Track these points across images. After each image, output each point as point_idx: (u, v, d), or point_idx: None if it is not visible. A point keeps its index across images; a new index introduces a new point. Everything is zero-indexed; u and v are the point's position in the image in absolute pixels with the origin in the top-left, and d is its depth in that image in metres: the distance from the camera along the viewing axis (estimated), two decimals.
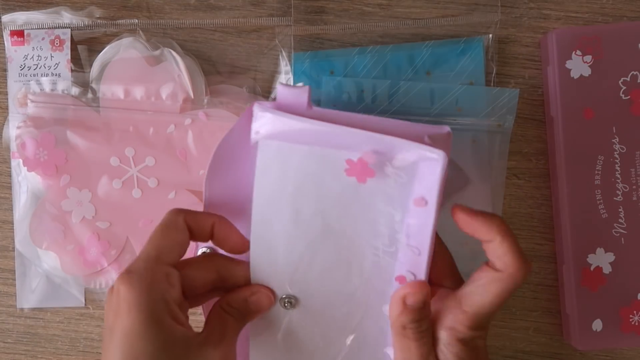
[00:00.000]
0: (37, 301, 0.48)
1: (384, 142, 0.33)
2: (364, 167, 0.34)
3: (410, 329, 0.34)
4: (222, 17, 0.47)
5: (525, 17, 0.48)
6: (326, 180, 0.35)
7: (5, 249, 0.48)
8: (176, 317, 0.33)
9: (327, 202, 0.36)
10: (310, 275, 0.37)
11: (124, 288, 0.32)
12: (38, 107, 0.45)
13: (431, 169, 0.33)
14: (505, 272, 0.33)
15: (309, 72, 0.46)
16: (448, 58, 0.46)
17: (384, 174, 0.34)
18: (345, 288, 0.38)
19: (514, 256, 0.33)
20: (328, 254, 0.37)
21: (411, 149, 0.33)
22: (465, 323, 0.34)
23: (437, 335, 0.35)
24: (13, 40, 0.46)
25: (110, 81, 0.45)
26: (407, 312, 0.34)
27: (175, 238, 0.35)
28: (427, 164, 0.33)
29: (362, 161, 0.34)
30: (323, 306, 0.38)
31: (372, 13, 0.47)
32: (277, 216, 0.36)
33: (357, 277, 0.37)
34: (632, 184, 0.46)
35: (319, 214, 0.36)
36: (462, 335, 0.34)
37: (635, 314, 0.46)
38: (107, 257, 0.46)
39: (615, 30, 0.46)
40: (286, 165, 0.35)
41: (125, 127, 0.46)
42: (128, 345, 0.31)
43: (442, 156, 0.32)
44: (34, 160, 0.45)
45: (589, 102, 0.46)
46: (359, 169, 0.34)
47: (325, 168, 0.35)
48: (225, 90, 0.47)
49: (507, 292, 0.33)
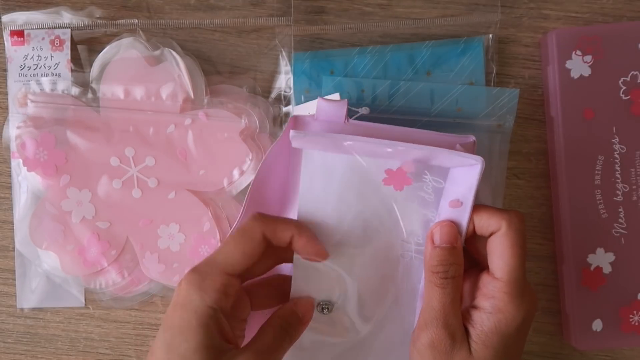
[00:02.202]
0: (37, 301, 0.48)
1: (425, 152, 0.36)
2: (403, 175, 0.38)
3: (436, 273, 0.36)
4: (222, 17, 0.47)
5: (525, 17, 0.48)
6: (365, 188, 0.38)
7: (5, 249, 0.48)
8: (220, 326, 0.34)
9: (366, 208, 0.38)
10: (348, 280, 0.39)
11: (184, 286, 0.35)
12: (38, 107, 0.45)
13: (468, 173, 0.36)
14: (501, 227, 0.36)
15: (309, 72, 0.46)
16: (448, 58, 0.46)
17: (421, 181, 0.38)
18: (380, 291, 0.39)
19: (498, 212, 0.36)
20: (365, 258, 0.39)
21: (452, 157, 0.36)
22: (503, 289, 0.36)
23: (480, 304, 0.37)
24: (13, 40, 0.46)
25: (110, 81, 0.45)
26: (435, 252, 0.37)
27: (247, 248, 0.36)
28: (463, 169, 0.36)
29: (402, 170, 0.37)
30: (357, 310, 0.40)
31: (372, 13, 0.47)
32: (321, 223, 0.38)
33: (391, 279, 0.39)
34: (632, 184, 0.46)
35: (359, 220, 0.38)
36: (502, 303, 0.36)
37: (635, 314, 0.46)
38: (107, 257, 0.46)
39: (615, 30, 0.46)
40: (329, 174, 0.38)
41: (125, 127, 0.46)
42: (169, 336, 0.34)
43: (480, 161, 0.35)
44: (34, 160, 0.45)
45: (589, 102, 0.46)
46: (397, 178, 0.38)
47: (365, 177, 0.38)
48: (225, 90, 0.47)
49: (515, 242, 0.36)
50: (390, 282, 0.40)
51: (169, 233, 0.46)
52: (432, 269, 0.37)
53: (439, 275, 0.36)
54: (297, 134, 0.36)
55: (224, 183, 0.46)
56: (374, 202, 0.38)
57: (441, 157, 0.36)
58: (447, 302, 0.36)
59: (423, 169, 0.37)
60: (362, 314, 0.40)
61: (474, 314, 0.37)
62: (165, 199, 0.46)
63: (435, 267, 0.36)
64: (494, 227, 0.36)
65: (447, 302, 0.36)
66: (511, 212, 0.36)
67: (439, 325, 0.36)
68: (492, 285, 0.36)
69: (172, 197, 0.46)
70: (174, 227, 0.46)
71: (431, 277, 0.37)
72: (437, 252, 0.37)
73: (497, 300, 0.36)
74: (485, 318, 0.36)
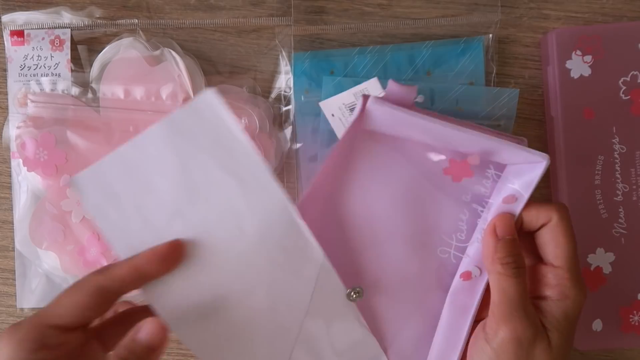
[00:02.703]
0: (37, 301, 0.48)
1: (494, 145, 0.36)
2: (466, 168, 0.38)
3: (506, 264, 0.37)
4: (222, 17, 0.47)
5: (525, 17, 0.48)
6: (423, 174, 0.39)
7: (5, 249, 0.48)
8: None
9: (420, 194, 0.39)
10: (379, 266, 0.39)
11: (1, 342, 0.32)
12: (38, 107, 0.45)
13: (529, 170, 0.37)
14: (552, 219, 0.37)
15: (309, 72, 0.46)
16: (448, 58, 0.46)
17: (483, 175, 0.38)
18: (410, 281, 0.40)
19: (546, 205, 0.38)
20: (404, 245, 0.39)
21: (518, 152, 0.36)
22: (565, 276, 0.37)
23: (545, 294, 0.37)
24: (13, 40, 0.46)
25: (110, 81, 0.45)
26: (501, 245, 0.37)
27: (75, 299, 0.33)
28: (523, 166, 0.37)
29: (466, 163, 0.38)
30: (385, 298, 0.40)
31: (372, 13, 0.47)
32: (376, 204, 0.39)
33: (424, 271, 0.40)
34: (632, 184, 0.46)
35: (411, 206, 0.39)
36: (567, 289, 0.37)
37: (635, 314, 0.46)
38: (107, 257, 0.46)
39: (615, 30, 0.46)
40: (393, 158, 0.38)
41: (125, 127, 0.46)
42: None
43: (546, 158, 0.36)
44: (34, 160, 0.45)
45: (589, 102, 0.46)
46: (459, 169, 0.38)
47: (426, 163, 0.38)
48: (225, 90, 0.47)
49: (568, 230, 0.37)
50: (421, 274, 0.40)
51: None
52: (502, 261, 0.37)
53: (510, 266, 0.36)
54: (376, 101, 0.36)
55: None
56: (429, 186, 0.39)
57: (508, 151, 0.36)
58: (524, 291, 0.36)
59: (488, 162, 0.38)
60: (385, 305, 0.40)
61: (541, 304, 0.37)
62: None
63: (504, 258, 0.37)
64: (543, 219, 0.37)
65: (524, 291, 0.36)
66: (558, 204, 0.38)
67: (521, 316, 0.36)
68: (553, 274, 0.37)
69: None
70: None
71: (501, 269, 0.37)
72: (503, 244, 0.37)
73: (562, 287, 0.37)
74: (554, 306, 0.37)
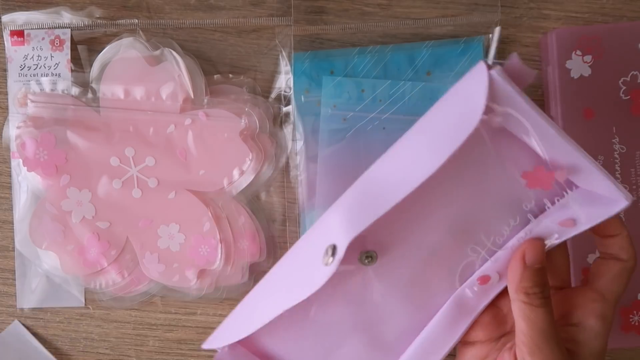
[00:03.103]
0: (37, 301, 0.48)
1: (587, 167, 0.33)
2: (550, 180, 0.34)
3: (533, 294, 0.34)
4: (222, 17, 0.47)
5: (525, 17, 0.48)
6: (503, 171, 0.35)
7: (5, 249, 0.48)
8: None
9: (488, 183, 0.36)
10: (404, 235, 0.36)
11: None
12: (38, 107, 0.45)
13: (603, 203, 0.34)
14: (630, 260, 0.36)
15: (309, 72, 0.46)
16: (448, 58, 0.46)
17: (559, 193, 0.35)
18: (426, 266, 0.37)
19: (633, 247, 0.36)
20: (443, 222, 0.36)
21: (605, 184, 0.33)
22: (608, 310, 0.36)
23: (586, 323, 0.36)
24: (13, 40, 0.46)
25: (110, 81, 0.45)
26: (528, 274, 0.35)
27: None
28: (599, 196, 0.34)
29: (552, 175, 0.33)
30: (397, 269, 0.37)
31: (372, 13, 0.47)
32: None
33: (446, 260, 0.37)
34: (632, 184, 0.46)
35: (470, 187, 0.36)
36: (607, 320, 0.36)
37: (635, 314, 0.46)
38: (107, 257, 0.46)
39: (615, 30, 0.46)
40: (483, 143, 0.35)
41: (125, 127, 0.46)
42: None
43: (630, 199, 0.33)
44: (34, 160, 0.45)
45: (589, 102, 0.46)
46: (541, 178, 0.34)
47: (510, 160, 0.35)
48: (225, 90, 0.47)
49: (630, 276, 0.36)
50: (437, 263, 0.37)
51: (169, 233, 0.46)
52: (528, 291, 0.35)
53: (537, 296, 0.34)
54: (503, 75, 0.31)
55: (224, 183, 0.46)
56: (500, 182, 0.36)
57: (595, 177, 0.33)
58: (552, 321, 0.34)
59: (571, 183, 0.35)
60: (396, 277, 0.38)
61: (577, 333, 0.36)
62: (165, 199, 0.46)
63: (530, 288, 0.35)
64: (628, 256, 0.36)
65: (552, 321, 0.34)
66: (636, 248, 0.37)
67: (553, 346, 0.34)
68: (600, 305, 0.36)
69: (172, 197, 0.46)
70: (174, 227, 0.46)
71: (527, 299, 0.35)
72: (530, 273, 0.35)
73: (606, 321, 0.36)
74: (593, 337, 0.35)
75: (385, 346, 0.39)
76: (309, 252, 0.36)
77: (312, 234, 0.38)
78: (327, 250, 0.34)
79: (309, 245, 0.37)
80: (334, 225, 0.35)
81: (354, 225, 0.33)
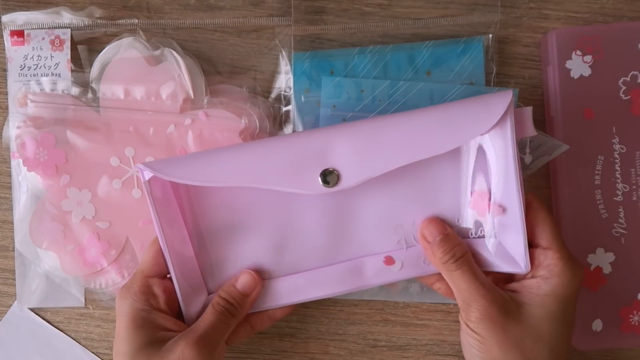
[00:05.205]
0: (37, 301, 0.48)
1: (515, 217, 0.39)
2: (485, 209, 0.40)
3: (447, 262, 0.39)
4: (222, 17, 0.47)
5: (525, 17, 0.48)
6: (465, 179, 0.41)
7: (5, 249, 0.48)
8: (155, 321, 0.39)
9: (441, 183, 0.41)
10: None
11: (117, 300, 0.40)
12: (38, 107, 0.45)
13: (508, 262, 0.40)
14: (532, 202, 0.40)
15: (309, 72, 0.46)
16: (448, 58, 0.46)
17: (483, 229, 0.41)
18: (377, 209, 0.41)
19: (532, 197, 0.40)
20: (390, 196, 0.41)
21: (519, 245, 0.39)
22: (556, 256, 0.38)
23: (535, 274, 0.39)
24: (13, 40, 0.46)
25: (110, 81, 0.45)
26: (434, 247, 0.39)
27: (155, 252, 0.40)
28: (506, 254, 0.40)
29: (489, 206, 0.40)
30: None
31: (372, 13, 0.47)
32: None
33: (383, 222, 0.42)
34: (632, 184, 0.46)
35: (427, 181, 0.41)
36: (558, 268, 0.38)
37: (635, 314, 0.46)
38: (107, 257, 0.46)
39: (615, 30, 0.46)
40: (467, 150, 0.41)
41: (125, 127, 0.46)
42: (115, 346, 0.39)
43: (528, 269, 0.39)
44: (34, 160, 0.45)
45: (589, 102, 0.46)
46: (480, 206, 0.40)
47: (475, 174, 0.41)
48: (225, 90, 0.47)
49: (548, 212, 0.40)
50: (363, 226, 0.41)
51: None
52: (441, 261, 0.39)
53: (450, 262, 0.39)
54: None
55: None
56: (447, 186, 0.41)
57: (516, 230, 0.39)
58: (474, 275, 0.38)
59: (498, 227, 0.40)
60: None
61: (529, 282, 0.39)
62: None
63: (442, 258, 0.39)
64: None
65: (474, 275, 0.38)
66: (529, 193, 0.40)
67: (482, 295, 0.38)
68: (543, 255, 0.39)
69: None
70: None
71: (444, 267, 0.39)
72: (436, 246, 0.39)
73: (552, 267, 0.38)
74: (542, 283, 0.38)
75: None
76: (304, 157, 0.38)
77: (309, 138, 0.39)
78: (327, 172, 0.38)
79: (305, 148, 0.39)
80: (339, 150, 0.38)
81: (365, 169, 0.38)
